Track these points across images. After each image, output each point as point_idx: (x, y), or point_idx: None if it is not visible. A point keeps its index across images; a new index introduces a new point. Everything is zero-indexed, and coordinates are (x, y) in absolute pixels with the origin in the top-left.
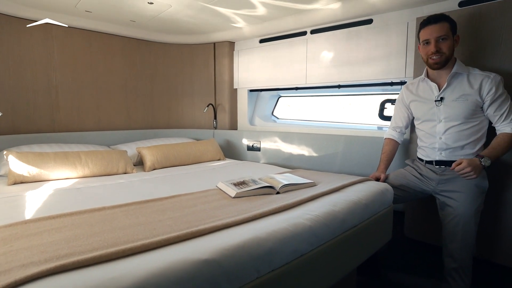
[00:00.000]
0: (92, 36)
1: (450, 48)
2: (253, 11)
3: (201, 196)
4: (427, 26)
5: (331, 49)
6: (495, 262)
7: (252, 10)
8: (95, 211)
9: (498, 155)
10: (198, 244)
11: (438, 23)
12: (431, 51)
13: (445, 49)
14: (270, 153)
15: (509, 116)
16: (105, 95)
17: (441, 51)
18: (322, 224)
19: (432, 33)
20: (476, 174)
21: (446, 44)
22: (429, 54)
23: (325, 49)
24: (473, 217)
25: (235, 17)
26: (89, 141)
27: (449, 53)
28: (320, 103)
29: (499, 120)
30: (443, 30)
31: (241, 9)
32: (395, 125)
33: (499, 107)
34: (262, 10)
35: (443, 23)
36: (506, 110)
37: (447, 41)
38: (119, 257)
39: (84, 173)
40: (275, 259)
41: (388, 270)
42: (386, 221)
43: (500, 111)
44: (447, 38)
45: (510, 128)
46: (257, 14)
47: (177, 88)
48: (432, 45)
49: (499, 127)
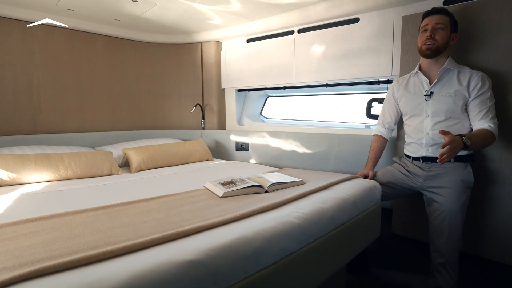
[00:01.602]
0: (75, 35)
1: (444, 39)
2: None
3: (188, 196)
4: (429, 16)
5: (318, 48)
6: (480, 257)
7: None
8: (76, 213)
9: (478, 143)
10: (184, 244)
11: (440, 14)
12: (426, 36)
13: (439, 38)
14: (258, 152)
15: (488, 115)
16: (89, 96)
17: (435, 38)
18: (310, 222)
19: (432, 20)
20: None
21: (441, 34)
22: (423, 40)
23: (313, 48)
24: (459, 212)
25: (220, 16)
26: (73, 143)
27: (442, 43)
28: (308, 103)
29: (477, 117)
30: (442, 19)
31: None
32: (384, 120)
33: (480, 104)
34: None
35: (444, 15)
36: (486, 109)
37: (443, 31)
38: (100, 260)
39: (67, 175)
40: (263, 259)
41: (376, 267)
42: (374, 218)
43: (481, 108)
44: (444, 28)
45: (488, 125)
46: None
47: (164, 88)
48: (429, 30)
49: (477, 124)
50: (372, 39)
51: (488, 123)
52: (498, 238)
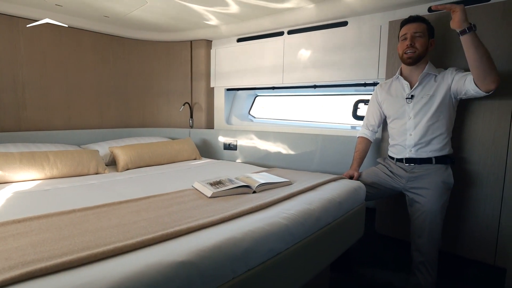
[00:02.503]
0: (62, 31)
1: (423, 46)
2: (227, 9)
3: (177, 196)
4: (407, 24)
5: (308, 50)
6: (458, 255)
7: (226, 8)
8: (64, 213)
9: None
10: (174, 246)
11: (417, 22)
12: (407, 45)
13: (419, 45)
14: (246, 152)
15: None
16: (76, 93)
17: (415, 46)
18: (297, 222)
19: (410, 29)
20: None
21: (420, 41)
22: (404, 49)
23: (302, 49)
24: (439, 213)
25: (209, 15)
26: (59, 141)
27: (422, 50)
28: (296, 103)
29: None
30: (420, 28)
31: (214, 6)
32: (368, 122)
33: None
34: (235, 8)
35: (421, 23)
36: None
37: (422, 38)
38: (91, 261)
39: (52, 174)
40: (251, 259)
41: (360, 266)
42: (358, 218)
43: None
44: (422, 36)
45: None
46: (230, 12)
47: (152, 86)
48: (408, 39)
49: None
50: (359, 43)
51: None
52: (475, 238)
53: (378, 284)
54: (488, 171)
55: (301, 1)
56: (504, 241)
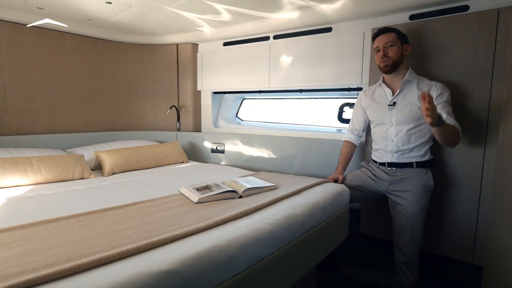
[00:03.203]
0: (45, 34)
1: (397, 53)
2: (217, 17)
3: (163, 202)
4: (377, 37)
5: (293, 55)
6: (439, 254)
7: (217, 15)
8: (48, 222)
9: (448, 126)
10: (159, 254)
11: (386, 33)
12: (380, 55)
13: (392, 54)
14: (234, 155)
15: (450, 117)
16: (59, 96)
17: (388, 55)
18: (282, 227)
19: (381, 41)
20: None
21: (393, 50)
22: (379, 59)
23: (288, 54)
24: (420, 214)
25: (198, 21)
26: (42, 145)
27: (396, 57)
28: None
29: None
30: (389, 37)
31: (205, 14)
32: (353, 127)
33: (442, 108)
34: (227, 16)
35: (389, 33)
36: (447, 112)
37: (394, 47)
38: (75, 272)
39: (36, 180)
40: (236, 265)
41: (345, 266)
42: (343, 220)
43: (442, 111)
44: (394, 44)
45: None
46: (220, 19)
47: (138, 89)
48: (381, 50)
49: None
50: (343, 48)
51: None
52: (454, 237)
53: (363, 284)
54: (466, 174)
55: (288, 10)
56: (481, 241)
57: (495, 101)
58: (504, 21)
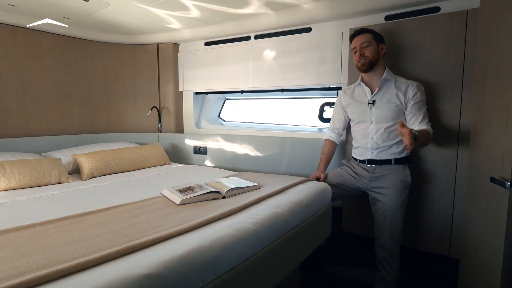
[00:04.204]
0: (18, 33)
1: (373, 53)
2: (187, 13)
3: (144, 205)
4: (354, 38)
5: (274, 55)
6: (418, 249)
7: (186, 12)
8: (22, 229)
9: (421, 138)
10: (140, 258)
11: (362, 34)
12: (358, 55)
13: (368, 53)
14: (217, 156)
15: (424, 118)
16: (34, 98)
17: (365, 55)
18: (265, 226)
19: (357, 41)
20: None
21: (369, 50)
22: (357, 59)
23: (268, 54)
24: (399, 210)
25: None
26: (16, 149)
27: (373, 57)
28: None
29: (416, 121)
30: (365, 38)
31: (175, 10)
32: (334, 126)
33: (418, 110)
34: (196, 13)
35: (365, 34)
36: (423, 114)
37: (369, 47)
38: (51, 280)
39: (9, 185)
40: (220, 266)
41: (328, 264)
42: (325, 218)
43: (418, 112)
44: (369, 45)
45: (426, 127)
46: (192, 16)
47: (118, 90)
48: (358, 51)
49: (416, 127)
50: (323, 48)
51: (426, 125)
52: (432, 232)
53: (347, 281)
54: (441, 169)
55: (260, 7)
56: (457, 234)
57: (466, 98)
58: (472, 22)
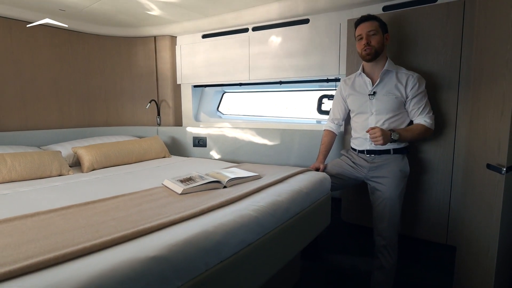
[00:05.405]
0: (14, 25)
1: (379, 43)
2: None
3: (147, 194)
4: (360, 24)
5: (272, 47)
6: (416, 237)
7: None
8: (27, 217)
9: (408, 136)
10: (145, 242)
11: (369, 21)
12: (363, 44)
13: (374, 43)
14: (216, 148)
15: (424, 110)
16: (32, 91)
17: (371, 44)
18: (267, 213)
19: (364, 28)
20: (382, 141)
21: (376, 38)
22: (362, 47)
23: (266, 46)
24: (397, 199)
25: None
26: (16, 142)
27: (378, 46)
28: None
29: (416, 113)
30: (372, 26)
31: None
32: (333, 116)
33: (418, 102)
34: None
35: (372, 21)
36: (423, 105)
37: (376, 36)
38: (58, 262)
39: (11, 177)
40: (223, 251)
41: (328, 252)
42: (325, 208)
43: (418, 105)
44: (376, 33)
45: (424, 120)
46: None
47: (116, 83)
48: (364, 38)
49: (416, 120)
50: (321, 40)
51: (424, 118)
52: (429, 220)
53: (346, 269)
54: (439, 159)
55: None
56: (454, 222)
57: (464, 88)
58: (469, 12)
